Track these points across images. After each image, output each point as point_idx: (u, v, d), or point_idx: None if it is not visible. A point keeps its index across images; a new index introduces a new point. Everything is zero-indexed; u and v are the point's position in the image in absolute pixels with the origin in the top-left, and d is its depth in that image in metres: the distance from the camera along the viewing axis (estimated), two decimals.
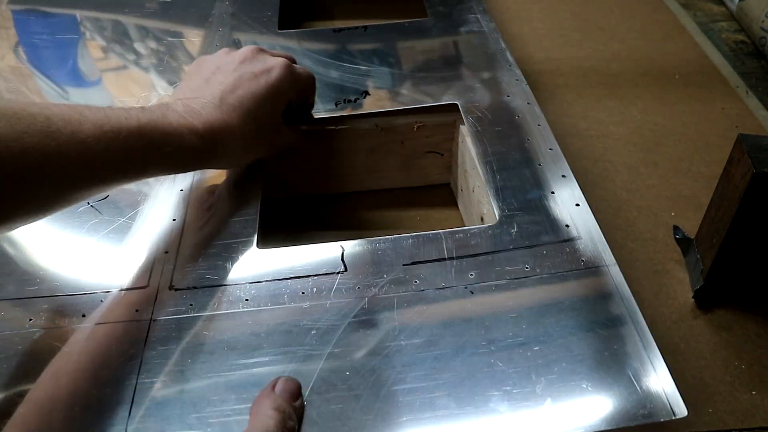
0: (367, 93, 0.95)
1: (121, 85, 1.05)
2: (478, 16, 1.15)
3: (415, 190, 1.02)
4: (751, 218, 0.81)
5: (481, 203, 0.83)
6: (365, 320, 0.62)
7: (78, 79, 1.07)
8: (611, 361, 0.58)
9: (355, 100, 0.95)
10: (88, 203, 0.77)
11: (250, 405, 0.53)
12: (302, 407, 0.44)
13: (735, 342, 0.85)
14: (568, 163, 0.82)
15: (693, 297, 0.91)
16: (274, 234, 0.79)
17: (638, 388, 0.56)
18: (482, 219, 0.84)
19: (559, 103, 1.25)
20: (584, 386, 0.56)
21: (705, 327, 0.87)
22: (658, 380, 0.57)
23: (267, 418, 0.41)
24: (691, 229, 0.97)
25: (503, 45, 1.06)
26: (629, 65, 1.37)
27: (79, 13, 1.20)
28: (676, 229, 0.99)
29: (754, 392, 0.79)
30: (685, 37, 1.46)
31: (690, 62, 1.38)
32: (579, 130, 1.19)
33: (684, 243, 0.96)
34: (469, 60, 1.03)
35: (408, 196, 1.01)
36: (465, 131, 0.89)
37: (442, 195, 1.01)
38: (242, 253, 0.70)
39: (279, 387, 0.44)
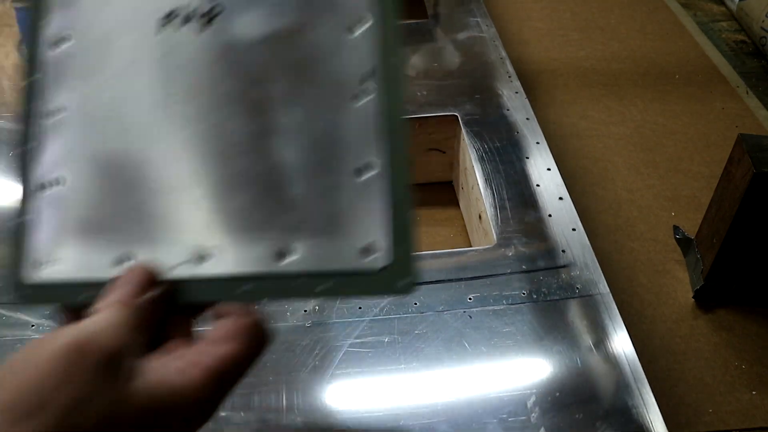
0: None
1: None
2: (479, 19, 1.15)
3: (419, 187, 1.02)
4: (751, 218, 0.81)
5: (479, 200, 0.83)
6: (366, 342, 0.62)
7: None
8: (604, 393, 0.59)
9: None
10: None
11: (253, 423, 0.54)
12: (154, 301, 0.35)
13: (735, 342, 0.85)
14: (566, 180, 0.82)
15: (693, 297, 0.91)
16: None
17: (629, 420, 0.57)
18: (480, 217, 0.84)
19: (559, 104, 1.25)
20: (577, 417, 0.56)
21: (705, 327, 0.87)
22: (647, 414, 0.58)
23: (79, 326, 0.32)
24: (691, 229, 0.97)
25: (503, 53, 1.06)
26: (629, 65, 1.37)
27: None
28: (676, 229, 0.99)
29: (754, 392, 0.79)
30: (685, 36, 1.47)
31: (690, 62, 1.38)
32: (579, 130, 1.19)
33: (684, 243, 0.96)
34: (469, 69, 1.03)
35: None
36: (465, 134, 0.90)
37: (445, 193, 1.01)
38: None
39: (121, 280, 0.35)
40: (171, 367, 0.32)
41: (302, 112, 0.37)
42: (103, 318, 0.32)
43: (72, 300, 0.37)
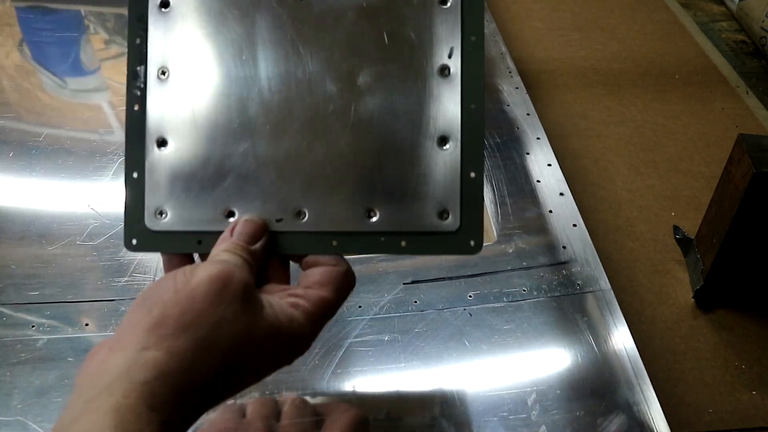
0: None
1: (118, 69, 1.05)
2: None
3: None
4: (751, 218, 0.81)
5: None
6: (367, 341, 0.62)
7: (78, 69, 1.08)
8: (605, 390, 0.59)
9: None
10: (88, 205, 0.77)
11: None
12: (263, 250, 0.40)
13: (735, 342, 0.85)
14: (567, 179, 0.82)
15: (693, 297, 0.91)
16: None
17: (630, 416, 0.57)
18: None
19: (559, 103, 1.25)
20: (578, 414, 0.56)
21: (705, 327, 0.87)
22: (648, 411, 0.58)
23: (219, 261, 0.37)
24: (691, 229, 0.97)
25: (504, 49, 1.06)
26: (629, 65, 1.37)
27: (82, 8, 1.20)
28: (676, 229, 0.99)
29: (754, 392, 0.79)
30: (685, 37, 1.47)
31: (690, 62, 1.38)
32: (579, 130, 1.19)
33: (684, 243, 0.96)
34: None
35: None
36: None
37: None
38: None
39: (237, 230, 0.40)
40: (283, 303, 0.37)
41: (391, 82, 0.40)
42: (232, 258, 0.38)
43: (190, 248, 0.41)
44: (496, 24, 1.13)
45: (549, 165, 0.83)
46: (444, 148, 0.40)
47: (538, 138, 0.87)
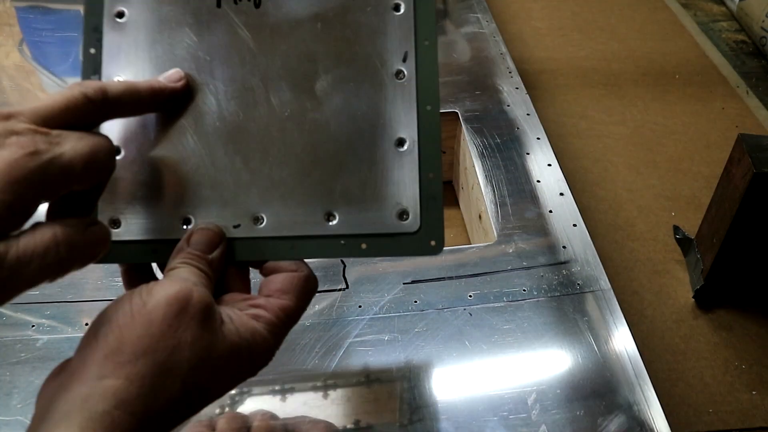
0: None
1: None
2: (479, 15, 1.15)
3: None
4: (751, 218, 0.81)
5: (479, 200, 0.83)
6: (367, 341, 0.62)
7: (78, 69, 1.08)
8: (605, 390, 0.59)
9: None
10: None
11: (249, 424, 0.54)
12: (221, 258, 0.39)
13: (735, 342, 0.85)
14: (567, 179, 0.82)
15: (693, 297, 0.91)
16: None
17: (630, 416, 0.57)
18: (480, 217, 0.84)
19: (559, 103, 1.25)
20: (578, 413, 0.56)
21: (705, 327, 0.87)
22: (648, 410, 0.58)
23: (176, 278, 0.36)
24: (691, 229, 0.97)
25: (504, 49, 1.06)
26: (629, 65, 1.37)
27: (82, 8, 1.19)
28: (676, 229, 0.99)
29: (754, 392, 0.79)
30: (685, 37, 1.47)
31: (690, 62, 1.38)
32: (579, 130, 1.19)
33: (684, 243, 0.96)
34: (469, 65, 1.03)
35: None
36: (465, 131, 0.90)
37: (444, 193, 1.01)
38: None
39: (193, 239, 0.39)
40: (244, 315, 0.36)
41: (347, 86, 0.41)
42: (190, 272, 0.36)
43: (146, 258, 0.40)
44: (496, 24, 1.13)
45: (549, 165, 0.83)
46: (401, 149, 0.41)
47: (538, 138, 0.87)
